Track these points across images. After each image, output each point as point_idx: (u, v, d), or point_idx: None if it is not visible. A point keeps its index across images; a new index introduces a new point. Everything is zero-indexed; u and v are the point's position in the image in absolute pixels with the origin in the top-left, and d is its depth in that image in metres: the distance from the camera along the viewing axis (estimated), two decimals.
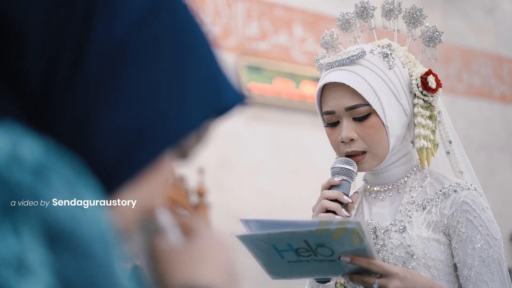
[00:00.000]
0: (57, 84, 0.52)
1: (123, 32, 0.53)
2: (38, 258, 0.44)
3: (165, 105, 0.55)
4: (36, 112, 0.52)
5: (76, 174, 0.49)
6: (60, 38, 0.52)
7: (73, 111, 0.52)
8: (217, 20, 7.01)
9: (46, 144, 0.50)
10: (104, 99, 0.53)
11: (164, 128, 0.55)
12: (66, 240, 0.46)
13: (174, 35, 0.56)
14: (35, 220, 0.45)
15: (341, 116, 1.48)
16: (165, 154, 0.56)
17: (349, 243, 1.26)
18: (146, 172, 0.55)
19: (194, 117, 0.57)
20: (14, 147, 0.47)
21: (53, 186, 0.47)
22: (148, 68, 0.54)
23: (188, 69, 0.56)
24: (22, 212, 0.45)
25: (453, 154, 1.59)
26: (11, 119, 0.51)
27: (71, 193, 0.48)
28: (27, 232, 0.44)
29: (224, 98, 0.59)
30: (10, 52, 0.52)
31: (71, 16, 0.52)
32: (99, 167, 0.53)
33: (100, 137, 0.53)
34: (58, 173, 0.48)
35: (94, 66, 0.52)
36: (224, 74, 0.60)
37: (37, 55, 0.52)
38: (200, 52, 0.58)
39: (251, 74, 7.12)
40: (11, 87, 0.52)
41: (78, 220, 0.47)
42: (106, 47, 0.53)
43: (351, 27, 1.63)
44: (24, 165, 0.46)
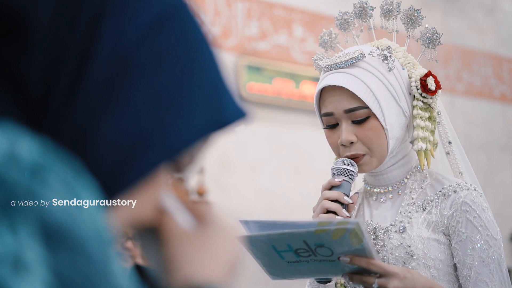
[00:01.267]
0: (59, 88, 0.52)
1: (130, 41, 0.53)
2: (34, 255, 0.44)
3: (167, 117, 0.55)
4: (36, 114, 0.52)
5: (73, 173, 0.50)
6: (65, 42, 0.52)
7: (74, 116, 0.52)
8: (217, 20, 7.01)
9: (44, 143, 0.50)
10: (106, 107, 0.53)
11: (164, 140, 0.55)
12: (63, 238, 0.46)
13: (179, 47, 0.56)
14: (32, 218, 0.45)
15: (340, 118, 1.48)
16: (162, 166, 0.56)
17: (349, 243, 1.26)
18: (141, 183, 0.55)
19: (194, 130, 0.56)
20: (12, 146, 0.47)
21: (50, 185, 0.47)
22: (152, 79, 0.54)
23: (191, 82, 0.56)
24: (19, 210, 0.45)
25: (453, 154, 1.58)
26: (10, 119, 0.51)
27: (68, 192, 0.48)
28: (24, 230, 0.45)
29: (225, 113, 0.59)
30: (13, 52, 0.52)
31: (78, 21, 0.52)
32: (95, 174, 0.53)
33: (99, 145, 0.53)
34: (55, 172, 0.48)
35: (99, 74, 0.52)
36: (226, 88, 0.60)
37: (41, 57, 0.52)
38: (204, 64, 0.58)
39: (251, 74, 7.11)
40: (12, 88, 0.52)
41: (75, 219, 0.47)
42: (112, 56, 0.53)
43: (350, 26, 1.63)
44: (21, 164, 0.47)
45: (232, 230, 0.64)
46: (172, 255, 0.60)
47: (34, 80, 0.52)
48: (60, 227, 0.46)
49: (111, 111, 0.53)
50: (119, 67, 0.53)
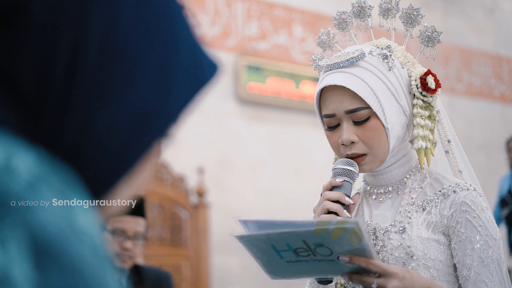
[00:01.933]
0: (54, 85, 0.52)
1: (119, 27, 0.53)
2: (23, 272, 0.43)
3: (160, 94, 0.55)
4: (32, 115, 0.51)
5: (68, 186, 0.49)
6: (56, 38, 0.52)
7: (72, 110, 0.52)
8: (217, 20, 7.01)
9: (39, 155, 0.49)
10: (102, 96, 0.53)
11: (158, 118, 0.55)
12: (54, 255, 0.45)
13: (162, 22, 0.56)
14: (23, 233, 0.44)
15: (341, 118, 1.48)
16: (158, 142, 0.56)
17: (348, 243, 1.26)
18: (141, 162, 0.55)
19: (183, 99, 0.57)
20: (7, 158, 0.47)
21: (44, 199, 0.46)
22: (144, 60, 0.54)
23: (177, 53, 0.57)
24: (10, 225, 0.44)
25: (452, 153, 1.58)
26: (6, 127, 0.50)
27: (62, 207, 0.47)
28: (14, 246, 0.44)
29: (204, 71, 0.59)
30: (3, 53, 0.51)
31: (67, 15, 0.52)
32: (99, 165, 0.53)
33: (100, 133, 0.53)
34: (50, 186, 0.47)
35: (92, 65, 0.52)
36: (200, 47, 0.60)
37: (32, 56, 0.51)
38: (183, 30, 0.58)
39: (251, 74, 7.12)
40: (5, 92, 0.51)
41: (68, 235, 0.46)
42: (103, 45, 0.53)
43: (348, 26, 1.63)
44: (16, 177, 0.46)
45: None
46: None
47: (27, 80, 0.51)
48: (52, 244, 0.45)
49: (108, 99, 0.53)
50: (111, 55, 0.53)
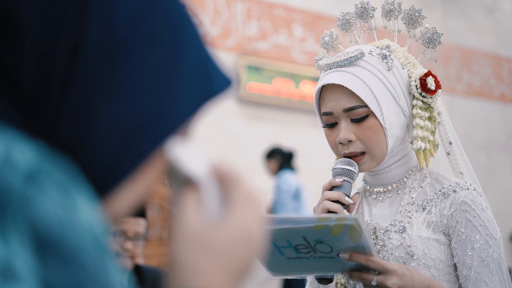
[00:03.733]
0: (54, 82, 0.51)
1: (119, 26, 0.53)
2: (25, 264, 0.44)
3: (163, 97, 0.55)
4: (33, 111, 0.51)
5: (69, 178, 0.49)
6: (55, 35, 0.51)
7: (71, 108, 0.52)
8: (217, 20, 7.01)
9: (40, 148, 0.49)
10: (102, 94, 0.52)
11: (162, 120, 0.55)
12: (55, 247, 0.45)
13: (167, 26, 0.56)
14: (24, 226, 0.44)
15: (339, 117, 1.48)
16: (161, 145, 0.56)
17: (348, 240, 1.26)
18: (145, 164, 0.55)
19: (189, 106, 0.57)
20: (7, 151, 0.47)
21: (45, 191, 0.46)
22: (145, 61, 0.54)
23: (182, 58, 0.56)
24: (12, 217, 0.44)
25: (453, 155, 1.58)
26: (6, 122, 0.50)
27: (63, 199, 0.47)
28: (16, 238, 0.44)
29: (214, 83, 0.59)
30: (4, 51, 0.51)
31: (66, 11, 0.52)
32: (99, 163, 0.53)
33: (100, 132, 0.52)
34: (51, 178, 0.47)
35: (91, 62, 0.52)
36: (212, 59, 0.60)
37: (32, 53, 0.51)
38: (191, 39, 0.58)
39: (251, 74, 7.12)
40: (6, 88, 0.51)
41: (69, 227, 0.46)
42: (102, 43, 0.52)
43: (351, 27, 1.63)
44: (16, 170, 0.46)
45: (255, 229, 0.58)
46: (175, 253, 0.55)
47: (28, 77, 0.51)
48: (53, 235, 0.45)
49: (107, 98, 0.52)
50: (111, 53, 0.53)
